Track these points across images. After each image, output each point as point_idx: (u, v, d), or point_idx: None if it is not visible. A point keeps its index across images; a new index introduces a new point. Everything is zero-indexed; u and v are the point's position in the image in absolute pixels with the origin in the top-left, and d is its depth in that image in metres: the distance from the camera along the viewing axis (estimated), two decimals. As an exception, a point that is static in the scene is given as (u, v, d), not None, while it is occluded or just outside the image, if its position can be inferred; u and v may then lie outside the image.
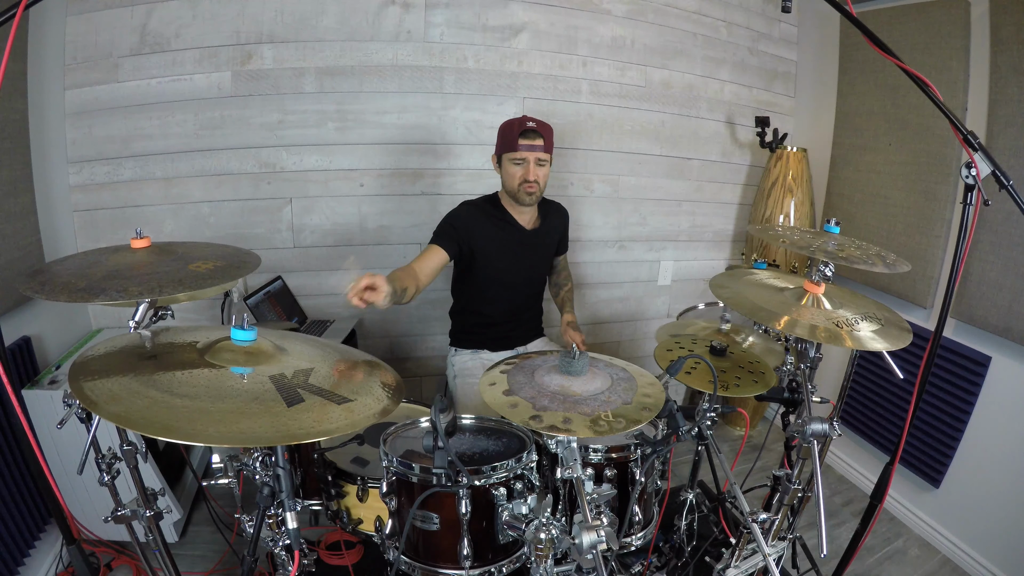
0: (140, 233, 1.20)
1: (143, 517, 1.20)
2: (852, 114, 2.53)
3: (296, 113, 2.25)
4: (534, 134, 1.80)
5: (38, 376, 1.78)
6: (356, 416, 0.94)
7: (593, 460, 1.33)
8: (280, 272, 2.34)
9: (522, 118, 1.83)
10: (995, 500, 2.01)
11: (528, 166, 1.81)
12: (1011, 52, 1.87)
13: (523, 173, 1.82)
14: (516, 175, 1.83)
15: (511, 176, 1.84)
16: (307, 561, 1.11)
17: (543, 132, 1.81)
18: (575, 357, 1.25)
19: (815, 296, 1.32)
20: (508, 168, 1.85)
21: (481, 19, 2.35)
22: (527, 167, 1.82)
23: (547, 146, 1.82)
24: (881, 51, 1.18)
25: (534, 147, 1.80)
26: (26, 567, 1.72)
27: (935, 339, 1.29)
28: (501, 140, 1.86)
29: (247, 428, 0.84)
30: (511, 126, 1.82)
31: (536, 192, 1.86)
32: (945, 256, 2.16)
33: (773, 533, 1.34)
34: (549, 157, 1.86)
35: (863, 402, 2.49)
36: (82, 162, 2.12)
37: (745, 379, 1.52)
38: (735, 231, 3.04)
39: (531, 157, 1.81)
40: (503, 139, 1.85)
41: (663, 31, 2.61)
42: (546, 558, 1.09)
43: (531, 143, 1.80)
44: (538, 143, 1.80)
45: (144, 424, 0.80)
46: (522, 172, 1.82)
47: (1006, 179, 1.11)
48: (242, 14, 2.11)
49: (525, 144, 1.79)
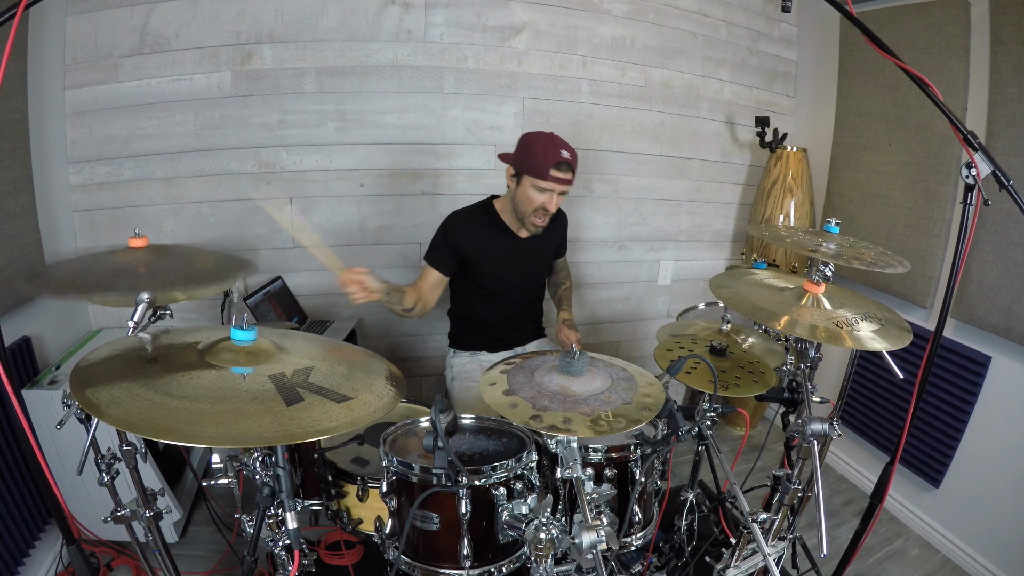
0: (138, 233, 1.20)
1: (143, 517, 1.20)
2: (852, 114, 2.53)
3: (296, 113, 2.25)
4: (567, 167, 1.71)
5: (38, 376, 1.78)
6: (356, 414, 0.94)
7: (593, 460, 1.33)
8: (280, 272, 2.34)
9: (555, 143, 1.71)
10: (995, 500, 2.01)
11: (552, 197, 1.75)
12: (1011, 52, 1.87)
13: (544, 201, 1.75)
14: (535, 201, 1.75)
15: (528, 200, 1.76)
16: (307, 561, 1.11)
17: (574, 165, 1.73)
18: (575, 357, 1.25)
19: (815, 296, 1.33)
20: (528, 192, 1.75)
21: (481, 19, 2.35)
22: (550, 197, 1.75)
23: (574, 179, 1.76)
24: (881, 51, 1.18)
25: (565, 181, 1.73)
26: (26, 567, 1.72)
27: (935, 339, 1.29)
28: (527, 161, 1.73)
29: (245, 428, 0.83)
30: (544, 151, 1.69)
31: (546, 223, 1.82)
32: (945, 256, 2.16)
33: (773, 533, 1.34)
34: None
35: (863, 402, 2.49)
36: (82, 162, 2.12)
37: (745, 379, 1.51)
38: (735, 231, 3.04)
39: (558, 189, 1.74)
40: (530, 161, 1.72)
41: (663, 31, 2.61)
42: (546, 558, 1.09)
43: (563, 176, 1.71)
44: (568, 177, 1.73)
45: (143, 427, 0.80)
46: (543, 200, 1.75)
47: (1006, 179, 1.11)
48: (242, 14, 2.11)
49: (557, 177, 1.71)
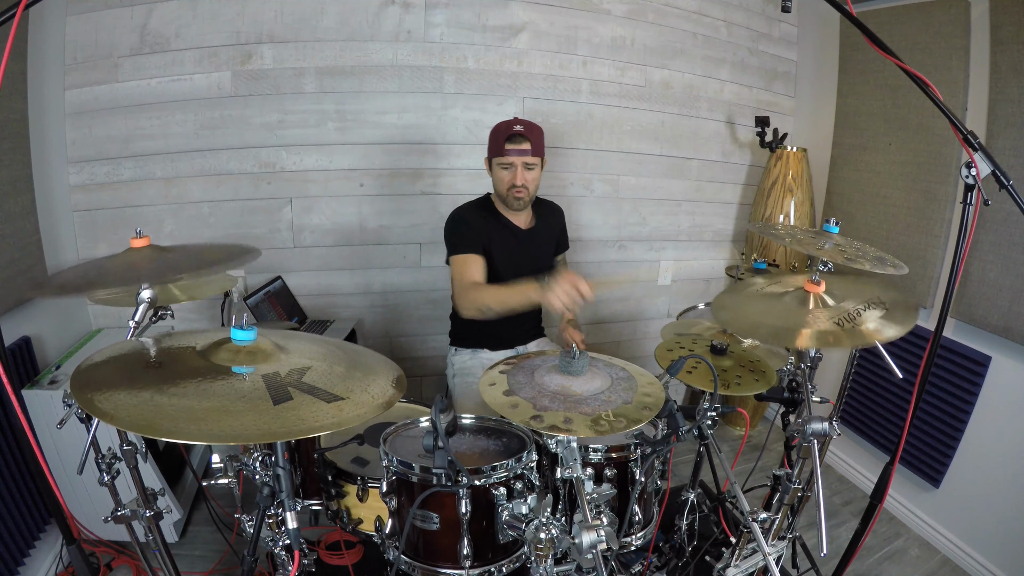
0: (140, 232, 1.20)
1: (143, 517, 1.20)
2: (852, 114, 2.53)
3: (296, 113, 2.25)
4: (521, 138, 1.77)
5: (38, 376, 1.78)
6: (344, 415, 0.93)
7: (593, 460, 1.33)
8: (280, 272, 2.34)
9: (511, 121, 1.80)
10: (995, 500, 2.01)
11: (516, 170, 1.80)
12: (1011, 52, 1.87)
13: (511, 178, 1.81)
14: (504, 179, 1.83)
15: (500, 180, 1.84)
16: (307, 561, 1.11)
17: (530, 135, 1.78)
18: (575, 357, 1.25)
19: (817, 296, 1.31)
20: (497, 172, 1.84)
21: (481, 19, 2.35)
22: (515, 171, 1.80)
23: (535, 149, 1.80)
24: (881, 51, 1.18)
25: (521, 151, 1.78)
26: (26, 567, 1.72)
27: (935, 339, 1.29)
28: (491, 143, 1.85)
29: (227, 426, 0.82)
30: (499, 130, 1.80)
31: (525, 196, 1.85)
32: (945, 256, 2.16)
33: (773, 533, 1.34)
34: (539, 160, 1.84)
35: (863, 402, 2.49)
36: (82, 162, 2.12)
37: (746, 378, 1.51)
38: (735, 231, 3.04)
39: (518, 161, 1.79)
40: (492, 143, 1.84)
41: (663, 31, 2.61)
42: (546, 558, 1.08)
43: (518, 147, 1.77)
44: (525, 147, 1.78)
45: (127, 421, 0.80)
46: (510, 176, 1.81)
47: (1006, 179, 1.11)
48: (242, 14, 2.11)
49: (512, 149, 1.77)
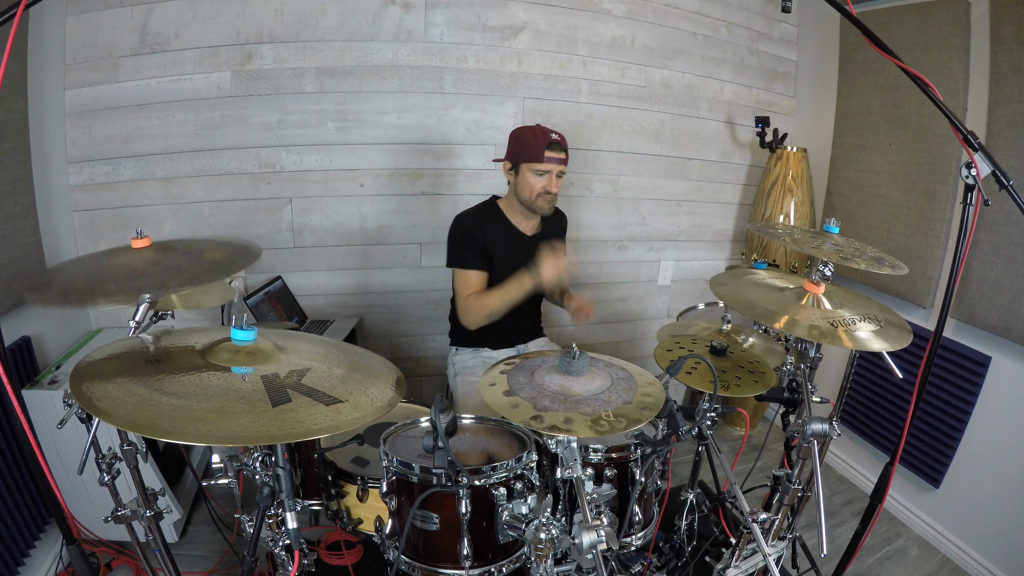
0: (140, 233, 1.20)
1: (143, 517, 1.20)
2: (852, 114, 2.53)
3: (296, 113, 2.25)
4: (559, 147, 1.83)
5: (38, 376, 1.78)
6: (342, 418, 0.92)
7: (593, 460, 1.33)
8: (280, 272, 2.34)
9: (542, 129, 1.84)
10: (995, 500, 2.01)
11: (551, 177, 1.85)
12: (1011, 52, 1.87)
13: (545, 184, 1.85)
14: (537, 186, 1.85)
15: (530, 186, 1.85)
16: (307, 561, 1.11)
17: (564, 145, 1.85)
18: (575, 357, 1.25)
19: (815, 296, 1.32)
20: (528, 178, 1.85)
21: (481, 19, 2.35)
22: (549, 178, 1.85)
23: (567, 158, 1.87)
24: (881, 51, 1.18)
25: (560, 160, 1.84)
26: (26, 567, 1.72)
27: (935, 339, 1.29)
28: (520, 149, 1.85)
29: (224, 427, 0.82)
30: (534, 137, 1.82)
31: (553, 202, 1.91)
32: (945, 256, 2.16)
33: (773, 533, 1.34)
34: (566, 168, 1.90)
35: (863, 402, 2.49)
36: (82, 162, 2.12)
37: (745, 379, 1.51)
38: (735, 231, 3.04)
39: (555, 169, 1.84)
40: (523, 148, 1.84)
41: (663, 31, 2.61)
42: (546, 558, 1.09)
43: (557, 156, 1.83)
44: (562, 156, 1.84)
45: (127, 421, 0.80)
46: (544, 183, 1.85)
47: (1006, 179, 1.11)
48: (242, 14, 2.11)
49: (552, 157, 1.82)
